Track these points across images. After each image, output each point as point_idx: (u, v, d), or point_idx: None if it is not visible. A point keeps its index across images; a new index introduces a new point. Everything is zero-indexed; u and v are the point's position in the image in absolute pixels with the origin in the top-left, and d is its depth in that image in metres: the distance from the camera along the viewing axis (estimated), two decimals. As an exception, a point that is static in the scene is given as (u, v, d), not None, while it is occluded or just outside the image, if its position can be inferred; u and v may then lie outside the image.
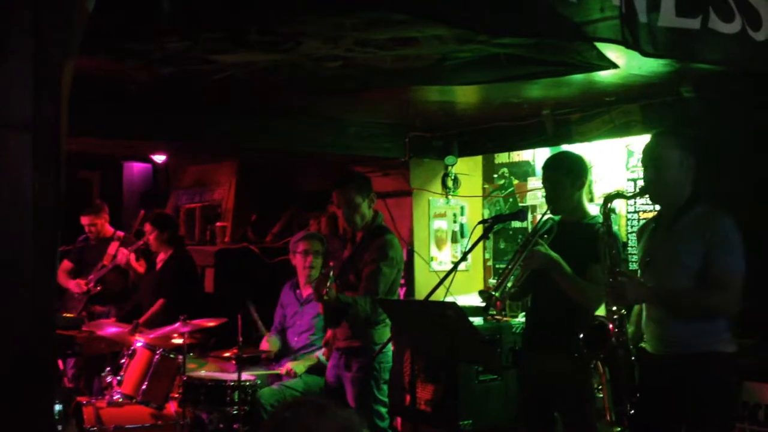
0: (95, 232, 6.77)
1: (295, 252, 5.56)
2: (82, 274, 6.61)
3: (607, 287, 3.41)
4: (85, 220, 6.75)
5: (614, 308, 3.40)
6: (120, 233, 6.83)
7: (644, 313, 3.54)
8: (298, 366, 5.34)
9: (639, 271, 3.60)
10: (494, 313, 3.79)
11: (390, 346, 4.54)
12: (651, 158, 3.46)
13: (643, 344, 3.57)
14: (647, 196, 3.62)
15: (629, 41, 2.72)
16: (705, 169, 3.66)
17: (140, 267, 6.62)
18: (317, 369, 5.34)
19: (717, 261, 3.26)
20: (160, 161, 8.15)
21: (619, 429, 3.40)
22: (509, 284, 3.80)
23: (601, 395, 3.43)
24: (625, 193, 3.66)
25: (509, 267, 3.82)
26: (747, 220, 3.73)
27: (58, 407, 4.61)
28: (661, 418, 3.40)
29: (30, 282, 1.78)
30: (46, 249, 1.78)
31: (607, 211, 3.53)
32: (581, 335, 3.45)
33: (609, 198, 3.55)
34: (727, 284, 3.26)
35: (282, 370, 5.34)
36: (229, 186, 7.97)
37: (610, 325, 3.37)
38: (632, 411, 3.37)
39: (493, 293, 3.73)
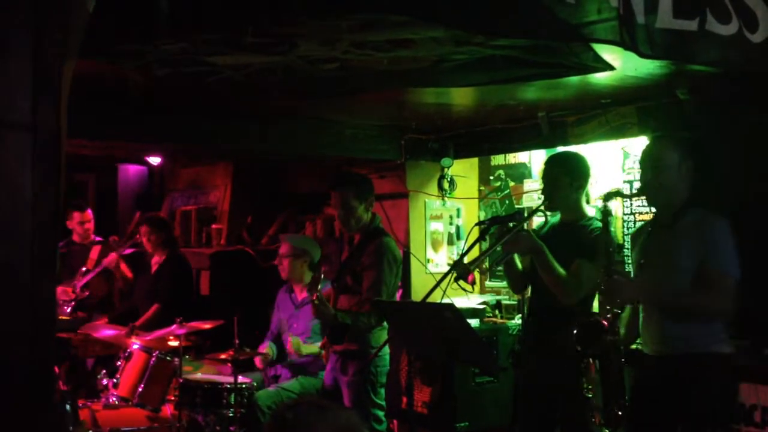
0: (84, 232, 6.59)
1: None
2: (64, 281, 6.35)
3: (602, 286, 3.44)
4: (76, 217, 6.55)
5: (608, 307, 3.43)
6: (98, 238, 6.69)
7: (642, 315, 3.56)
8: (302, 347, 5.23)
9: (633, 273, 3.62)
10: (467, 287, 3.82)
11: (387, 350, 4.53)
12: (650, 160, 3.51)
13: (639, 346, 3.59)
14: (644, 197, 3.64)
15: (627, 42, 2.73)
16: (700, 171, 3.68)
17: (128, 271, 6.50)
18: (314, 365, 5.31)
19: (711, 263, 3.31)
20: (155, 163, 8.14)
21: (608, 431, 3.43)
22: (486, 264, 3.87)
23: (591, 395, 3.46)
24: (623, 192, 3.70)
25: (491, 245, 3.86)
26: (742, 222, 3.75)
27: (68, 407, 4.60)
28: (659, 419, 3.42)
29: (29, 283, 1.77)
30: (45, 250, 1.78)
31: (606, 209, 3.55)
32: (575, 332, 3.48)
33: (608, 196, 3.58)
34: (720, 286, 3.30)
35: (288, 340, 5.25)
36: (225, 188, 7.96)
37: (604, 323, 3.40)
38: (620, 412, 3.40)
39: (467, 265, 3.74)
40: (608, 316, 3.41)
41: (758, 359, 4.10)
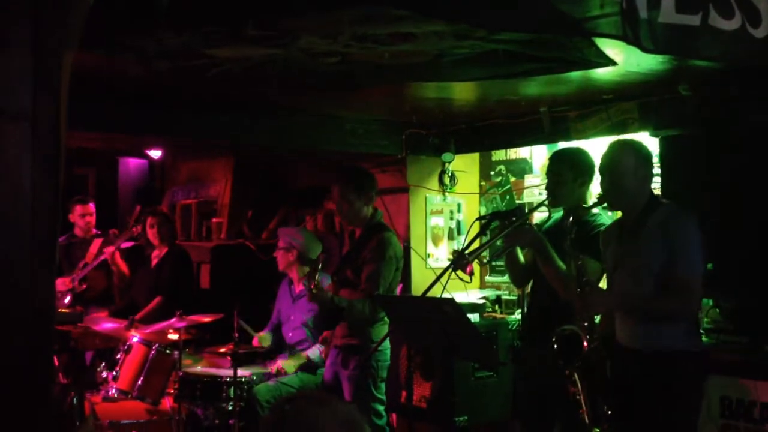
0: (85, 225, 6.59)
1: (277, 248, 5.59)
2: (64, 274, 6.34)
3: (576, 298, 3.48)
4: (78, 210, 6.56)
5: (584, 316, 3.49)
6: (99, 231, 6.70)
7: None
8: (289, 365, 5.32)
9: (606, 276, 3.67)
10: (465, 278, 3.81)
11: (388, 345, 4.53)
12: (608, 167, 3.55)
13: (616, 338, 3.62)
14: (605, 204, 3.68)
15: (630, 37, 2.72)
16: (700, 168, 3.69)
17: (124, 266, 6.50)
18: (308, 367, 5.32)
19: (681, 266, 3.35)
20: (156, 157, 8.13)
21: (597, 430, 3.46)
22: (485, 254, 3.88)
23: (579, 397, 3.50)
24: (583, 205, 3.72)
25: (492, 238, 3.87)
26: (741, 219, 3.75)
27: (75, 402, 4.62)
28: (633, 414, 3.46)
29: (27, 276, 1.77)
30: (44, 243, 1.77)
31: (570, 225, 3.62)
32: (554, 346, 3.50)
33: (570, 211, 3.67)
34: (688, 288, 3.36)
35: (272, 369, 5.32)
36: (225, 182, 7.96)
37: (584, 339, 3.44)
38: (609, 411, 3.44)
39: (466, 256, 3.75)
40: (585, 324, 3.46)
41: (757, 356, 4.10)
